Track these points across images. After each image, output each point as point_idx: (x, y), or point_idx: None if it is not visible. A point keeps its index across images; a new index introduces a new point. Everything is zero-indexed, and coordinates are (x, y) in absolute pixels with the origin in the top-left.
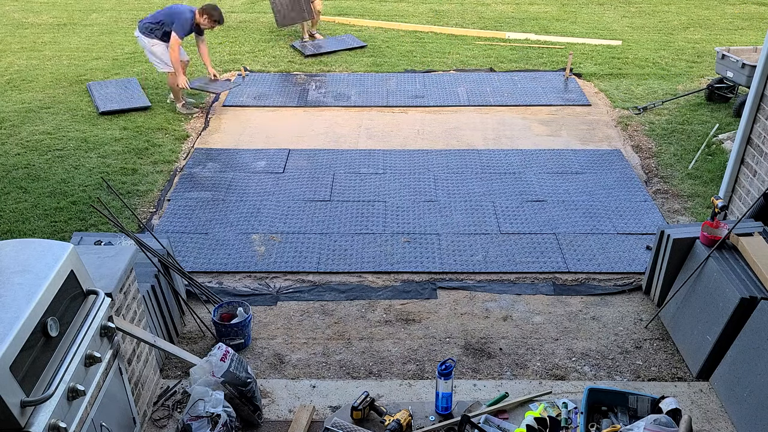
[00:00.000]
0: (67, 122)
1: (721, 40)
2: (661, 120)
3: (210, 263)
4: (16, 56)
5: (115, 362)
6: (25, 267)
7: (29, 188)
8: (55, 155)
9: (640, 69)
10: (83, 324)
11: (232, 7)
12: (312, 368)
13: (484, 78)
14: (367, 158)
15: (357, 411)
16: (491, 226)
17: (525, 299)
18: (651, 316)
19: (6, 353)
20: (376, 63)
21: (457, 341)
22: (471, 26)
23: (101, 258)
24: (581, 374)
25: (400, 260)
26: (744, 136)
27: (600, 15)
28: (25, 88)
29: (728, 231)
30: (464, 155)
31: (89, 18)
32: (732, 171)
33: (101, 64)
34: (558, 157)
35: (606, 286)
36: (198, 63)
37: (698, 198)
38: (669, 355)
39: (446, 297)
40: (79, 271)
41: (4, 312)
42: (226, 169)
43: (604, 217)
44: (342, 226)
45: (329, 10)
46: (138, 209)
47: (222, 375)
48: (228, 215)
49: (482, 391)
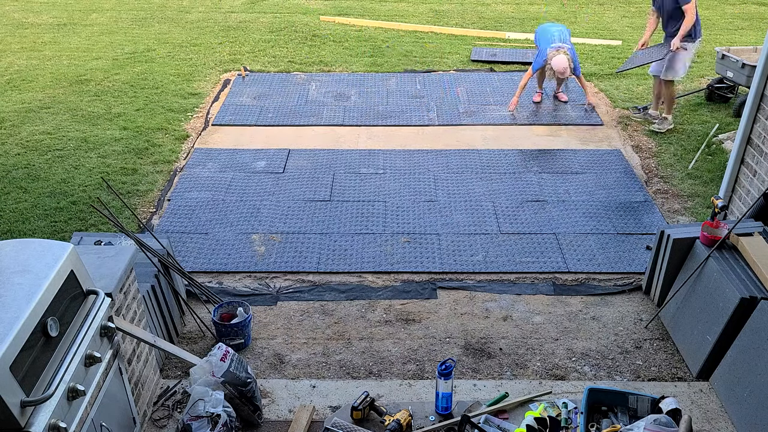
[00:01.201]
0: (67, 122)
1: (721, 40)
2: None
3: (210, 263)
4: (16, 56)
5: (115, 362)
6: (25, 267)
7: (29, 188)
8: (55, 155)
9: (640, 69)
10: (83, 324)
11: (231, 7)
12: (312, 368)
13: (484, 78)
14: (367, 158)
15: (357, 411)
16: (491, 226)
17: (525, 299)
18: (651, 316)
19: (6, 353)
20: (375, 63)
21: (457, 341)
22: (471, 26)
23: (101, 258)
24: (581, 374)
25: (400, 260)
26: (744, 136)
27: (600, 15)
28: (25, 88)
29: (728, 231)
30: (464, 155)
31: (89, 18)
32: (732, 171)
33: (101, 64)
34: (558, 157)
35: (606, 286)
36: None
37: (698, 198)
38: (669, 355)
39: (446, 297)
40: (79, 271)
41: (4, 312)
42: (226, 169)
43: (604, 217)
44: (342, 226)
45: (329, 10)
46: (138, 209)
47: (222, 375)
48: (228, 215)
49: (482, 391)
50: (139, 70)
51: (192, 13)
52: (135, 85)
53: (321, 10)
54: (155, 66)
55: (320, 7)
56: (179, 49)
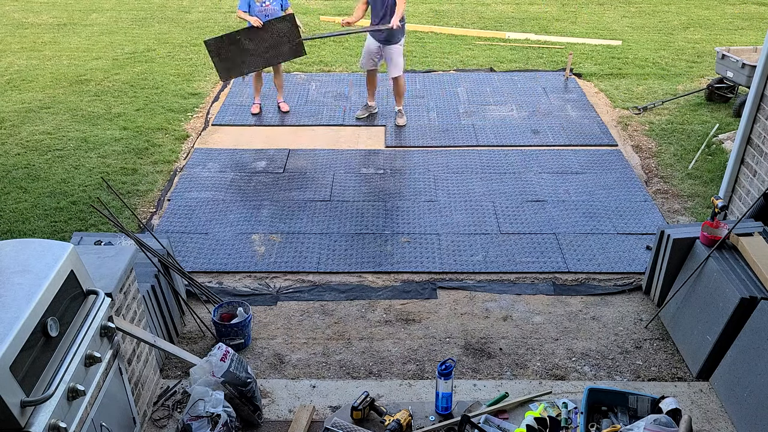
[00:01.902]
0: (67, 122)
1: (721, 40)
2: (661, 120)
3: (210, 263)
4: (16, 56)
5: (115, 362)
6: (25, 267)
7: (29, 188)
8: (55, 155)
9: (640, 69)
10: (83, 324)
11: (231, 7)
12: (312, 368)
13: (484, 78)
14: (367, 158)
15: (357, 411)
16: (491, 226)
17: (525, 299)
18: (651, 316)
19: (6, 353)
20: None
21: (457, 341)
22: (471, 26)
23: (101, 258)
24: (581, 374)
25: (400, 260)
26: (744, 136)
27: (600, 15)
28: (25, 88)
29: (728, 231)
30: (464, 155)
31: (89, 18)
32: (732, 171)
33: (101, 64)
34: (558, 157)
35: (606, 286)
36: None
37: (698, 198)
38: (669, 355)
39: (446, 297)
40: (79, 271)
41: (4, 312)
42: (226, 169)
43: (604, 217)
44: (342, 226)
45: (329, 10)
46: (138, 209)
47: (222, 375)
48: (228, 215)
49: (482, 391)
50: (139, 70)
51: (192, 13)
52: (135, 85)
53: (321, 10)
54: (155, 66)
55: (320, 7)
56: (179, 49)
